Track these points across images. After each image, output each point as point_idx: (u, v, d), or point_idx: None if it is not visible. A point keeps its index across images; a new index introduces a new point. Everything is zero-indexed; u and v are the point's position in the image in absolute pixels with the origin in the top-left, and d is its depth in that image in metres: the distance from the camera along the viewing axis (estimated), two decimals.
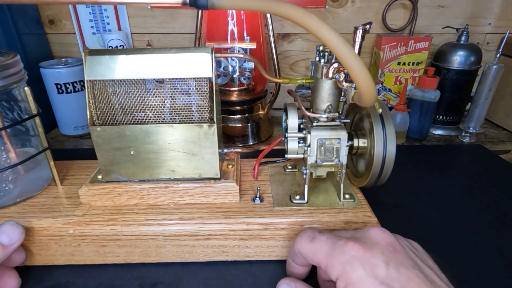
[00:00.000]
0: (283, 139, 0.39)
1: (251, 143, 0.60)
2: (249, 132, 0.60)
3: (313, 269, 0.31)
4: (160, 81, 0.34)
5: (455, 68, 0.63)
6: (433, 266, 0.25)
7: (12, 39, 0.58)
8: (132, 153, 0.34)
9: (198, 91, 0.34)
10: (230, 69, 0.52)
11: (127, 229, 0.33)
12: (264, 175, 0.41)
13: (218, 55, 0.36)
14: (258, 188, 0.36)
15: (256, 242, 0.34)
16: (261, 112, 0.62)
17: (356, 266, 0.23)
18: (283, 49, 0.71)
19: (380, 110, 0.33)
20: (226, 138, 0.59)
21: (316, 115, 0.35)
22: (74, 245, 0.33)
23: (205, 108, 0.35)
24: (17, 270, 0.34)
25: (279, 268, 0.34)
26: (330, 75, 0.33)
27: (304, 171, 0.35)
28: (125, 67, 0.32)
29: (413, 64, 0.65)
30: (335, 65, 0.32)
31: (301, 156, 0.36)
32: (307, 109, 0.37)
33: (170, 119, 0.35)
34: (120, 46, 0.63)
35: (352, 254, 0.23)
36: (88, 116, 0.33)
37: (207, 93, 0.34)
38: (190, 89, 0.34)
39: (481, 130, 0.63)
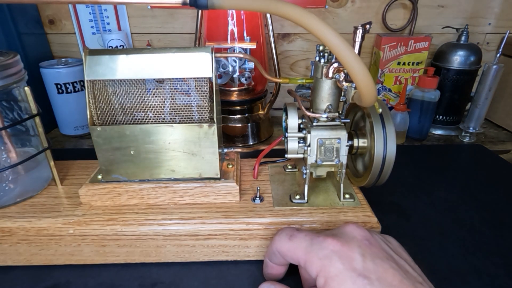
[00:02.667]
0: (283, 139, 0.39)
1: (251, 143, 0.60)
2: (249, 132, 0.60)
3: (290, 271, 0.31)
4: (160, 81, 0.34)
5: (455, 68, 0.63)
6: (407, 257, 0.26)
7: (12, 39, 0.58)
8: (132, 153, 0.34)
9: (198, 91, 0.34)
10: (230, 69, 0.52)
11: (127, 229, 0.33)
12: (264, 175, 0.41)
13: (218, 55, 0.37)
14: (258, 188, 0.36)
15: (256, 242, 0.34)
16: (261, 112, 0.62)
17: (335, 260, 0.23)
18: (283, 49, 0.71)
19: (380, 110, 0.33)
20: (226, 138, 0.59)
21: (316, 115, 0.35)
22: (74, 245, 0.33)
23: (205, 108, 0.35)
24: (17, 270, 0.34)
25: None
26: (330, 75, 0.33)
27: (304, 171, 0.35)
28: (125, 67, 0.32)
29: (413, 64, 0.65)
30: (335, 65, 0.32)
31: (301, 156, 0.36)
32: (307, 109, 0.37)
33: (170, 119, 0.35)
34: (120, 46, 0.63)
35: (330, 249, 0.24)
36: (88, 116, 0.33)
37: (207, 93, 0.34)
38: (190, 89, 0.34)
39: (481, 130, 0.63)
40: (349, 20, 0.69)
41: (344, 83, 0.32)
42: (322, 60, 0.33)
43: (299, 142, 0.35)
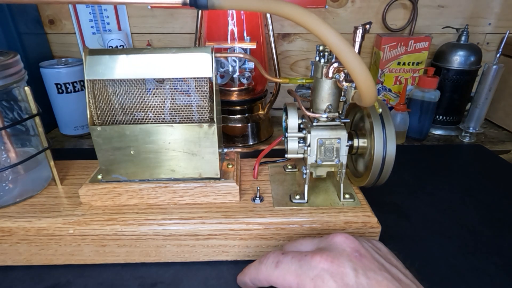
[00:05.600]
0: (283, 139, 0.39)
1: (251, 143, 0.60)
2: (249, 132, 0.60)
3: None
4: (160, 81, 0.34)
5: (455, 68, 0.63)
6: (397, 264, 0.26)
7: (12, 39, 0.58)
8: (132, 152, 0.34)
9: (198, 91, 0.34)
10: (230, 69, 0.52)
11: (127, 229, 0.33)
12: (264, 175, 0.41)
13: (218, 55, 0.37)
14: (258, 188, 0.36)
15: (256, 242, 0.34)
16: (261, 112, 0.62)
17: (327, 279, 0.23)
18: (283, 49, 0.71)
19: (380, 110, 0.33)
20: (226, 138, 0.59)
21: (316, 115, 0.35)
22: (74, 244, 0.33)
23: (205, 108, 0.35)
24: (17, 270, 0.34)
25: None
26: (330, 74, 0.33)
27: (304, 171, 0.35)
28: (125, 67, 0.32)
29: (413, 64, 0.65)
30: (335, 64, 0.32)
31: (301, 156, 0.36)
32: (307, 109, 0.37)
33: (170, 119, 0.35)
34: (120, 46, 0.63)
35: (320, 267, 0.23)
36: (88, 116, 0.33)
37: (207, 93, 0.34)
38: (190, 89, 0.34)
39: (481, 130, 0.63)
40: (349, 20, 0.69)
41: (344, 83, 0.32)
42: (322, 60, 0.33)
43: (299, 142, 0.35)
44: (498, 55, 0.58)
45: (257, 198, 0.36)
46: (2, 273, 0.33)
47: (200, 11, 0.58)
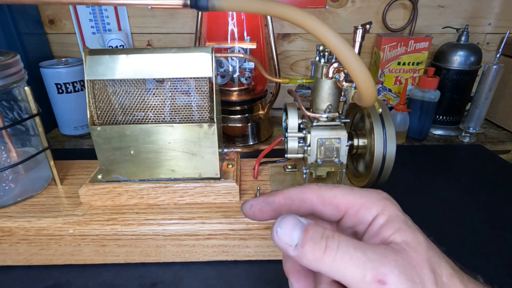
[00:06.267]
0: (283, 139, 0.39)
1: (251, 143, 0.60)
2: (249, 132, 0.60)
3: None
4: (160, 81, 0.34)
5: (455, 68, 0.63)
6: None
7: (12, 39, 0.58)
8: (132, 152, 0.34)
9: (198, 91, 0.34)
10: (230, 69, 0.52)
11: (127, 229, 0.33)
12: (264, 175, 0.41)
13: (218, 55, 0.37)
14: (258, 188, 0.36)
15: (256, 242, 0.34)
16: (261, 112, 0.62)
17: (391, 203, 0.22)
18: (283, 49, 0.71)
19: (380, 110, 0.33)
20: (226, 138, 0.59)
21: (316, 115, 0.35)
22: (74, 244, 0.33)
23: (205, 108, 0.35)
24: (17, 270, 0.34)
25: (280, 268, 0.34)
26: (330, 75, 0.33)
27: (304, 171, 0.35)
28: (125, 67, 0.32)
29: (413, 64, 0.65)
30: (335, 65, 0.32)
31: (301, 156, 0.36)
32: (307, 109, 0.37)
33: (170, 119, 0.35)
34: (120, 46, 0.63)
35: (383, 196, 0.23)
36: (88, 116, 0.33)
37: (207, 93, 0.34)
38: (190, 89, 0.34)
39: (481, 130, 0.63)
40: (349, 20, 0.69)
41: (344, 83, 0.32)
42: (322, 60, 0.33)
43: (299, 142, 0.35)
44: (498, 55, 0.58)
45: None
46: (2, 273, 0.33)
47: (200, 12, 0.58)
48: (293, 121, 0.35)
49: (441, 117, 0.67)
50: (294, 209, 0.21)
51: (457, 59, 0.62)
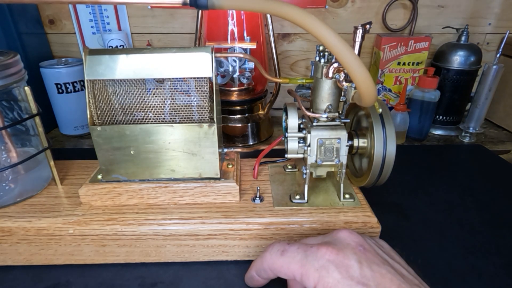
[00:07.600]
0: (283, 139, 0.39)
1: (251, 143, 0.60)
2: (249, 132, 0.60)
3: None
4: (160, 81, 0.34)
5: (455, 68, 0.63)
6: (400, 260, 0.26)
7: (12, 39, 0.58)
8: (132, 152, 0.34)
9: (198, 91, 0.34)
10: (230, 69, 0.52)
11: (127, 229, 0.33)
12: (264, 175, 0.41)
13: (218, 55, 0.36)
14: (258, 188, 0.36)
15: (256, 242, 0.34)
16: (261, 112, 0.62)
17: (332, 270, 0.23)
18: (283, 49, 0.71)
19: (380, 110, 0.33)
20: (226, 138, 0.59)
21: (316, 115, 0.35)
22: (74, 244, 0.33)
23: (205, 108, 0.35)
24: (17, 270, 0.34)
25: None
26: (330, 75, 0.33)
27: (304, 171, 0.35)
28: (125, 67, 0.32)
29: (413, 64, 0.65)
30: (335, 65, 0.32)
31: (301, 156, 0.36)
32: (307, 109, 0.37)
33: (170, 119, 0.35)
34: (120, 46, 0.63)
35: (325, 258, 0.24)
36: (88, 116, 0.33)
37: (207, 93, 0.34)
38: (190, 89, 0.34)
39: (481, 130, 0.63)
40: (349, 20, 0.69)
41: (344, 83, 0.32)
42: (322, 60, 0.33)
43: (299, 142, 0.35)
44: (498, 55, 0.58)
45: (257, 198, 0.36)
46: (2, 273, 0.33)
47: (200, 11, 0.58)
48: (293, 121, 0.35)
49: (441, 117, 0.67)
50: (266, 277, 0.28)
51: (457, 59, 0.62)
